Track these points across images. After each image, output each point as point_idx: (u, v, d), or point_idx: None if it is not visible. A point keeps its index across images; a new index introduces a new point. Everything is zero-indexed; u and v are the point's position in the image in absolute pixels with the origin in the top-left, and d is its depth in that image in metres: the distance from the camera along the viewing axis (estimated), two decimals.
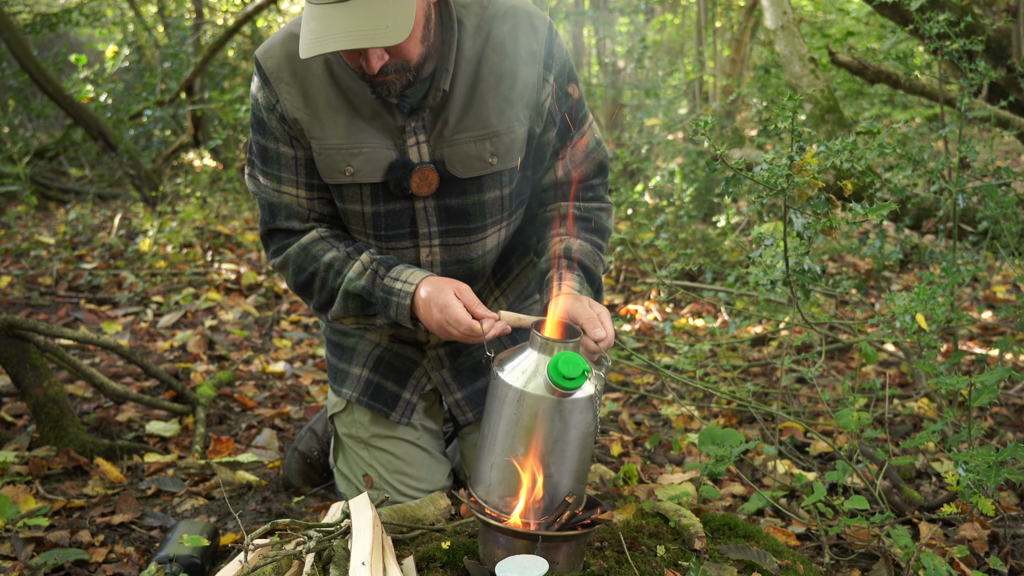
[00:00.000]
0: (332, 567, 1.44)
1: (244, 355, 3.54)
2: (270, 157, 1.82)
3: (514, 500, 1.57)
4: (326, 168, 1.79)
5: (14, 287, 4.38)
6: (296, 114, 1.76)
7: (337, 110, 1.75)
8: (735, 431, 2.13)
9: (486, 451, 1.60)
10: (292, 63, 1.73)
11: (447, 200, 1.82)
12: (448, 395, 2.08)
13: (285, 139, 1.80)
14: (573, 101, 1.83)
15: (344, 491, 2.11)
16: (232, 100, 6.69)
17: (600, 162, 1.92)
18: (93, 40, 10.21)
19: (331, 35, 1.51)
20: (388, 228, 1.84)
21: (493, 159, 1.78)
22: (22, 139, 7.26)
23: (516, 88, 1.75)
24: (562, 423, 1.53)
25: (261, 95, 1.78)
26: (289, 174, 1.82)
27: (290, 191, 1.83)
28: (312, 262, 1.82)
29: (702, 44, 7.49)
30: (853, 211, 2.00)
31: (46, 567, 1.89)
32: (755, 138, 5.17)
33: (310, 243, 1.83)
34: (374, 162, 1.77)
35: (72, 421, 2.51)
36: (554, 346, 1.54)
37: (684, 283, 3.96)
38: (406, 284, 1.74)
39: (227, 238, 5.37)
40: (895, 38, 2.99)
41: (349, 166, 1.76)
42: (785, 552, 1.75)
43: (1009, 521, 2.15)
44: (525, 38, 1.74)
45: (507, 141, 1.77)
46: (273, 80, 1.75)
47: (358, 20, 1.50)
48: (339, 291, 1.80)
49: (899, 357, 3.26)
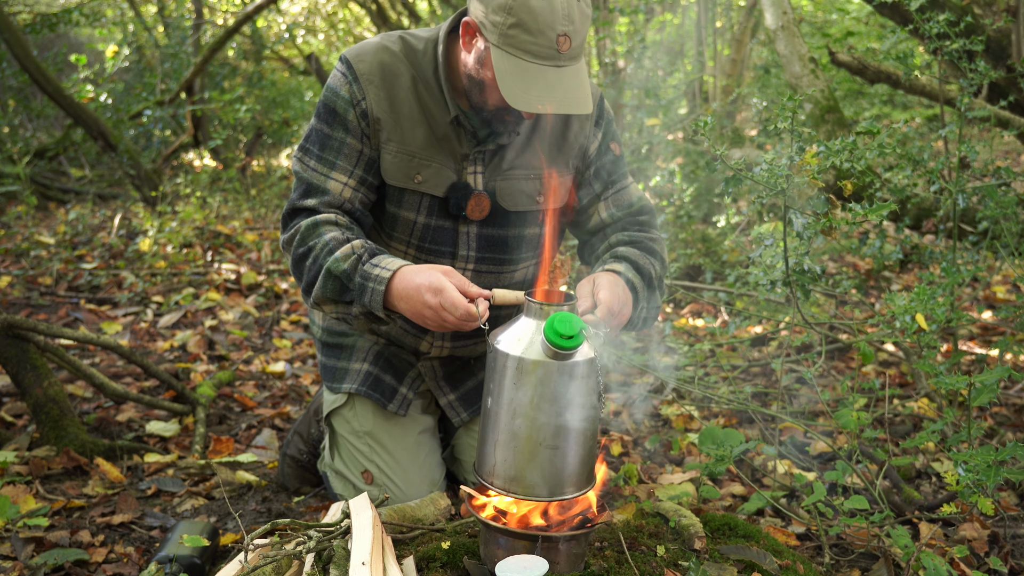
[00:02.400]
0: (332, 567, 1.44)
1: (244, 355, 3.54)
2: (331, 145, 1.88)
3: (520, 478, 1.54)
4: (397, 170, 1.87)
5: (14, 287, 4.38)
6: (381, 115, 1.85)
7: (417, 123, 1.86)
8: (735, 431, 2.13)
9: (489, 429, 1.57)
10: (383, 71, 1.85)
11: (490, 229, 1.94)
12: (442, 397, 2.13)
13: (356, 132, 1.87)
14: (615, 156, 2.00)
15: (340, 491, 2.11)
16: (232, 100, 6.69)
17: (644, 206, 2.03)
18: (93, 40, 10.20)
19: (552, 97, 1.66)
20: (432, 243, 1.94)
21: (540, 198, 1.93)
22: (22, 139, 7.26)
23: (568, 138, 1.93)
24: (563, 388, 1.49)
25: (345, 90, 1.86)
26: (346, 163, 1.88)
27: (340, 178, 1.88)
28: (314, 237, 1.82)
29: (702, 44, 7.49)
30: (853, 211, 2.00)
31: (46, 567, 1.89)
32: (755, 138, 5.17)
33: (323, 221, 1.85)
34: (439, 178, 1.88)
35: (72, 421, 2.51)
36: (548, 309, 1.52)
37: (684, 283, 3.96)
38: (383, 270, 1.72)
39: (227, 238, 5.37)
40: (895, 38, 2.99)
41: (419, 174, 1.87)
42: (785, 552, 1.75)
43: (1009, 521, 2.15)
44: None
45: (554, 184, 1.93)
46: (363, 81, 1.85)
47: (570, 87, 1.67)
48: (323, 270, 1.79)
49: (899, 357, 3.26)
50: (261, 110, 7.75)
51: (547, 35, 1.62)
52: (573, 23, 1.64)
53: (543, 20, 1.61)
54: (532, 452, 1.52)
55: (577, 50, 1.66)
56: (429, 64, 1.86)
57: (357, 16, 10.86)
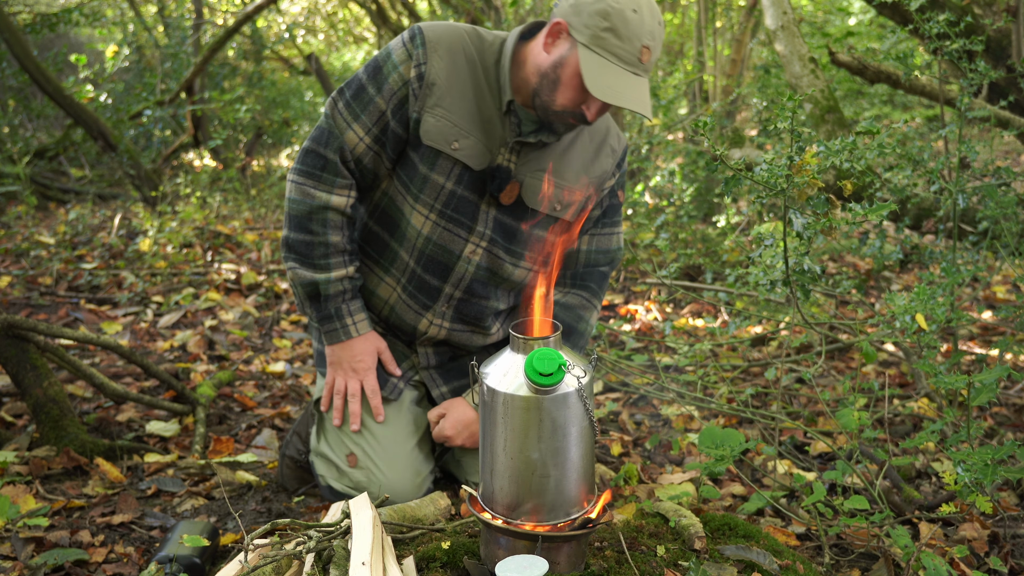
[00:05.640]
0: (332, 567, 1.44)
1: (244, 355, 3.54)
2: (364, 99, 1.99)
3: (518, 505, 1.56)
4: (438, 132, 1.96)
5: (14, 287, 4.38)
6: (437, 80, 1.95)
7: (467, 99, 1.98)
8: (735, 431, 2.13)
9: (486, 459, 1.59)
10: (451, 44, 1.97)
11: (508, 217, 2.05)
12: (435, 389, 2.18)
13: (390, 94, 1.97)
14: (618, 202, 2.22)
15: (323, 473, 2.14)
16: (232, 100, 6.69)
17: (615, 257, 2.26)
18: (93, 40, 10.21)
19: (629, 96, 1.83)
20: (455, 211, 2.02)
21: (558, 205, 2.07)
22: (22, 139, 7.26)
23: (593, 168, 2.10)
24: (551, 421, 1.52)
25: (400, 53, 1.97)
26: (368, 119, 1.99)
27: (359, 131, 2.00)
28: (320, 225, 2.01)
29: (702, 44, 7.49)
30: (853, 211, 2.00)
31: (46, 567, 1.89)
32: (755, 138, 5.17)
33: (333, 208, 2.02)
34: (475, 151, 1.99)
35: (72, 421, 2.51)
36: (529, 344, 1.54)
37: (684, 283, 3.96)
38: (353, 327, 2.08)
39: (227, 238, 5.37)
40: (895, 38, 2.99)
41: (457, 142, 1.97)
42: (785, 552, 1.75)
43: (1009, 521, 2.15)
44: (613, 138, 2.15)
45: (571, 200, 2.08)
46: (430, 46, 1.96)
47: (641, 92, 1.85)
48: (313, 273, 2.04)
49: (899, 357, 3.26)
50: (261, 110, 7.76)
51: (634, 44, 1.81)
52: (655, 39, 1.84)
53: (633, 30, 1.81)
54: (527, 481, 1.54)
55: (651, 64, 1.86)
56: (493, 55, 1.99)
57: (357, 16, 10.86)
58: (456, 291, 2.08)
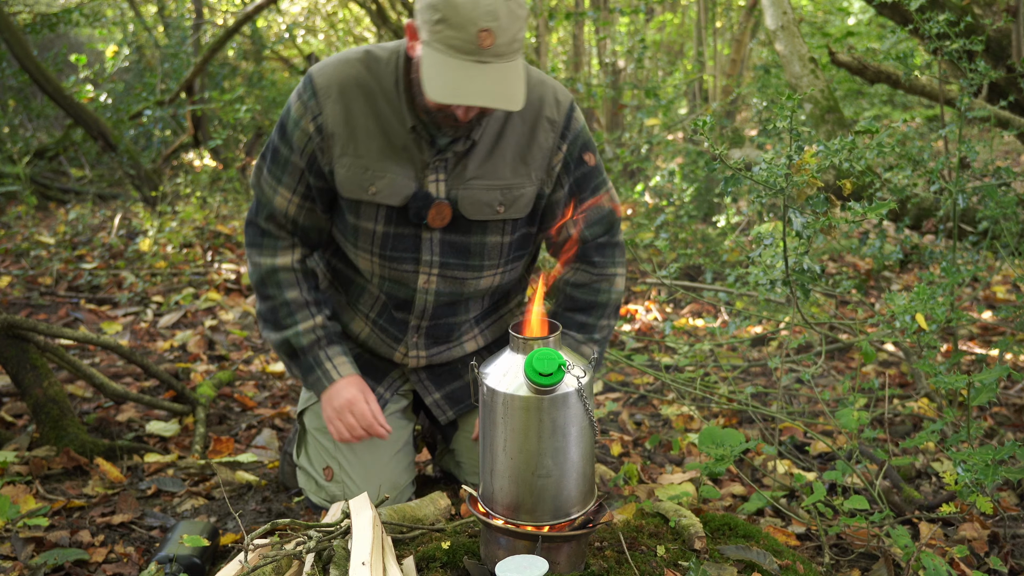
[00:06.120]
0: (332, 567, 1.44)
1: (244, 355, 3.54)
2: (280, 159, 1.96)
3: (518, 505, 1.55)
4: (351, 184, 1.89)
5: (14, 287, 4.38)
6: (336, 129, 1.88)
7: (373, 135, 1.88)
8: (735, 431, 2.13)
9: (486, 459, 1.59)
10: (342, 86, 1.87)
11: (453, 236, 1.94)
12: (427, 395, 2.14)
13: (300, 151, 1.92)
14: (588, 168, 1.97)
15: (303, 486, 2.13)
16: (232, 100, 6.69)
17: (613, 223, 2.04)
18: (93, 40, 10.20)
19: (470, 90, 1.66)
20: (394, 250, 1.95)
21: (501, 208, 1.92)
22: (22, 139, 7.26)
23: (532, 150, 1.91)
24: (551, 421, 1.52)
25: (298, 107, 1.90)
26: (290, 179, 1.95)
27: (285, 194, 1.97)
28: (274, 287, 2.01)
29: (702, 44, 7.49)
30: (852, 210, 2.00)
31: (46, 567, 1.89)
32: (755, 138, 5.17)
33: (280, 268, 2.00)
34: (396, 188, 1.89)
35: (72, 421, 2.51)
36: (529, 344, 1.54)
37: (684, 283, 3.96)
38: (333, 370, 2.00)
39: (227, 238, 5.37)
40: (895, 38, 2.99)
41: (373, 185, 1.89)
42: (785, 552, 1.75)
43: (1009, 521, 2.15)
44: (548, 109, 1.91)
45: (516, 195, 1.92)
46: (321, 95, 1.87)
47: (493, 82, 1.67)
48: (282, 332, 2.01)
49: (899, 357, 3.26)
50: (261, 110, 7.75)
51: (468, 30, 1.63)
52: (498, 19, 1.63)
53: (464, 15, 1.62)
54: (527, 482, 1.54)
55: (504, 47, 1.66)
56: (391, 75, 1.87)
57: (357, 16, 10.86)
58: (422, 321, 2.03)
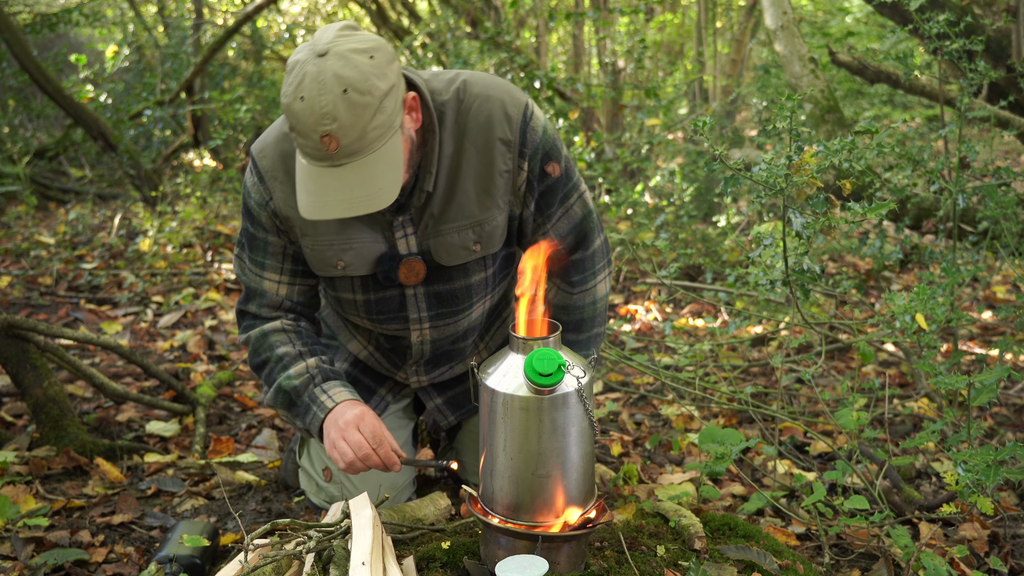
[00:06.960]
0: (332, 567, 1.44)
1: (244, 355, 3.54)
2: (257, 244, 1.89)
3: (518, 505, 1.56)
4: (318, 262, 1.85)
5: (14, 287, 4.38)
6: (289, 212, 1.80)
7: None
8: (735, 431, 2.13)
9: (487, 460, 1.59)
10: (286, 162, 1.78)
11: (435, 287, 1.88)
12: (428, 400, 2.14)
13: (273, 230, 1.86)
14: (553, 180, 1.82)
15: (304, 487, 2.13)
16: (232, 100, 6.68)
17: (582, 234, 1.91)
18: (93, 40, 10.21)
19: (329, 203, 1.58)
20: (380, 313, 1.92)
21: (476, 246, 1.83)
22: (22, 139, 7.26)
23: (493, 178, 1.78)
24: (551, 421, 1.52)
25: (255, 190, 1.84)
26: (274, 261, 1.89)
27: (272, 277, 1.90)
28: (267, 350, 1.90)
29: (702, 44, 7.49)
30: (852, 210, 2.00)
31: (46, 567, 1.89)
32: (755, 138, 5.17)
33: (271, 331, 1.91)
34: (364, 255, 1.83)
35: (72, 421, 2.51)
36: (528, 345, 1.54)
37: (684, 283, 3.96)
38: (328, 398, 1.83)
39: (227, 238, 5.37)
40: (895, 38, 2.99)
41: (340, 260, 1.83)
42: (785, 552, 1.75)
43: (1009, 521, 2.15)
44: (500, 128, 1.76)
45: (489, 228, 1.82)
46: (268, 179, 1.81)
47: (352, 186, 1.56)
48: (276, 382, 1.88)
49: (899, 357, 3.26)
50: (261, 110, 7.75)
51: (311, 137, 1.54)
52: (336, 120, 1.51)
53: (304, 122, 1.53)
54: (527, 482, 1.54)
55: (354, 146, 1.54)
56: None
57: (357, 16, 10.86)
58: (422, 359, 2.02)
